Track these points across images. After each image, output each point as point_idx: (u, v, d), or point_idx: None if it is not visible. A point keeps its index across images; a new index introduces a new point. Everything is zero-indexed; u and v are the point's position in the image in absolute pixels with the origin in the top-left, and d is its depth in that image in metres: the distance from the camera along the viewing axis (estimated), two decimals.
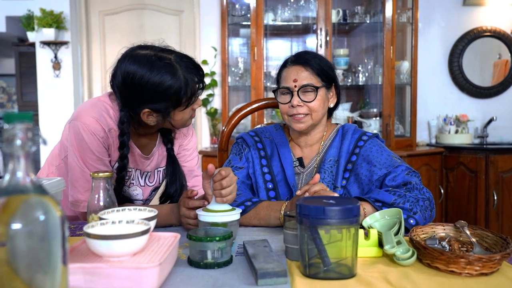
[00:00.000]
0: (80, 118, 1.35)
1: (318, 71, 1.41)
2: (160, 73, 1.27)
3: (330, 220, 0.88)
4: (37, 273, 0.59)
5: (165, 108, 1.31)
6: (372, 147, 1.42)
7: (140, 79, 1.28)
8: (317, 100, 1.39)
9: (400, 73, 3.66)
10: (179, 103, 1.31)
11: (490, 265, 0.90)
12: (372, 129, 3.59)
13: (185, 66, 1.31)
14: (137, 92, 1.29)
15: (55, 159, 1.55)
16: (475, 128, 3.93)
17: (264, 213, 1.30)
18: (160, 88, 1.28)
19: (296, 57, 1.45)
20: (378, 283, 0.87)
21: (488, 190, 3.38)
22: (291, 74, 1.41)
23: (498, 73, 3.96)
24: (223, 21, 3.59)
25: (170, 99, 1.30)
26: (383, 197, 1.25)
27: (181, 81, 1.29)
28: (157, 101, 1.30)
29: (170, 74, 1.28)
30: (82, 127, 1.34)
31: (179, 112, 1.34)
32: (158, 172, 1.56)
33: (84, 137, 1.34)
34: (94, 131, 1.34)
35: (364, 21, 3.64)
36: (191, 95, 1.32)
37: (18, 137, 0.59)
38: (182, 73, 1.29)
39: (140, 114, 1.33)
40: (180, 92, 1.29)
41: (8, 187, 0.59)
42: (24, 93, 5.24)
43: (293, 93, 1.39)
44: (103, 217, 1.01)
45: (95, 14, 4.05)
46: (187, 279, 0.90)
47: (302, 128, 1.42)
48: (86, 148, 1.35)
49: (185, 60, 1.32)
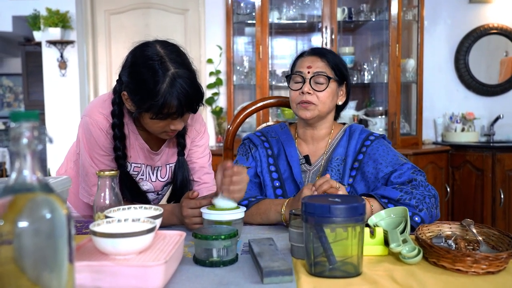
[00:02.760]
0: (90, 114, 1.38)
1: (333, 64, 1.44)
2: (150, 73, 1.24)
3: (335, 218, 0.88)
4: (43, 271, 0.59)
5: (138, 103, 1.28)
6: (378, 146, 1.42)
7: (134, 66, 1.28)
8: (326, 92, 1.41)
9: (406, 71, 3.64)
10: (148, 109, 1.26)
11: (496, 264, 0.90)
12: (378, 128, 3.58)
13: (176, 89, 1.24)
14: (127, 74, 1.30)
15: (72, 154, 1.59)
16: (482, 126, 3.90)
17: (264, 207, 1.30)
18: (139, 81, 1.26)
19: (312, 49, 1.49)
20: (384, 282, 0.87)
21: (495, 188, 3.36)
22: (306, 62, 1.44)
23: (504, 70, 3.93)
24: (228, 20, 3.59)
25: (143, 100, 1.26)
26: (389, 193, 1.25)
27: (161, 94, 1.23)
28: (136, 92, 1.27)
29: (158, 82, 1.23)
30: (91, 122, 1.37)
31: (148, 116, 1.28)
32: (170, 167, 1.55)
33: (92, 133, 1.37)
34: (102, 127, 1.37)
35: (370, 19, 3.62)
36: (162, 112, 1.25)
37: (25, 136, 0.59)
38: (167, 88, 1.23)
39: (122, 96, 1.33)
40: (153, 101, 1.23)
41: (15, 185, 0.60)
42: (30, 92, 5.26)
43: (305, 80, 1.41)
44: (109, 215, 1.02)
45: (101, 13, 4.07)
46: (192, 277, 0.90)
47: (308, 116, 1.42)
48: (94, 143, 1.37)
49: (181, 85, 1.24)
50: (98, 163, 1.39)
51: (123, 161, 1.40)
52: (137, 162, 1.47)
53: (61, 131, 3.87)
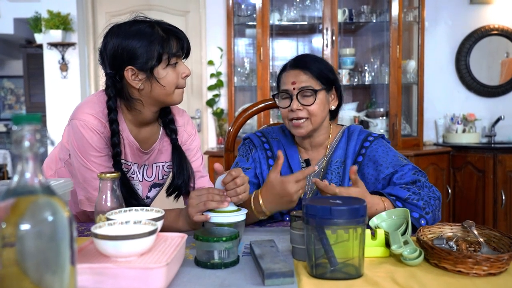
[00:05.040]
0: (78, 116, 1.34)
1: (317, 75, 1.40)
2: (138, 27, 1.32)
3: (336, 220, 0.88)
4: (45, 273, 0.59)
5: (146, 62, 1.30)
6: (378, 147, 1.42)
7: (121, 36, 1.33)
8: (316, 104, 1.39)
9: (406, 72, 3.64)
10: (159, 58, 1.30)
11: (498, 265, 0.90)
12: (379, 129, 3.58)
13: (163, 27, 1.34)
14: (118, 52, 1.32)
15: (53, 162, 1.53)
16: (483, 127, 3.90)
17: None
18: (138, 42, 1.30)
19: (295, 60, 1.45)
20: (385, 283, 0.87)
21: (496, 190, 3.35)
22: (290, 77, 1.42)
23: (505, 71, 3.93)
24: (229, 22, 3.59)
25: (149, 53, 1.30)
26: (397, 192, 1.26)
27: (160, 36, 1.31)
28: (138, 57, 1.30)
29: (148, 28, 1.32)
30: (81, 124, 1.32)
31: (163, 70, 1.32)
32: (157, 167, 1.52)
33: (84, 135, 1.32)
34: (93, 127, 1.33)
35: (370, 20, 3.63)
36: (171, 51, 1.32)
37: (27, 139, 0.60)
38: (160, 30, 1.32)
39: (124, 76, 1.32)
40: (158, 44, 1.30)
41: (17, 188, 0.60)
42: (32, 94, 5.27)
43: (292, 97, 1.39)
44: (111, 217, 1.02)
45: (102, 15, 4.07)
46: (194, 279, 0.90)
47: (302, 134, 1.42)
48: (88, 145, 1.33)
49: (165, 23, 1.36)
50: (96, 166, 1.33)
51: (120, 158, 1.36)
52: (127, 160, 1.43)
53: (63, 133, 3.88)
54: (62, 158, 1.48)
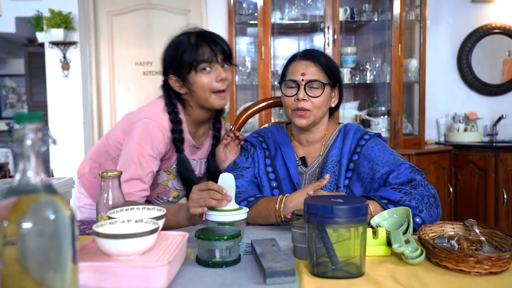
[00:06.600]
0: (154, 117, 1.46)
1: (326, 69, 1.42)
2: (177, 39, 1.48)
3: (338, 219, 0.88)
4: (47, 272, 0.60)
5: (180, 70, 1.45)
6: (374, 146, 1.41)
7: (167, 48, 1.51)
8: (321, 97, 1.41)
9: (408, 71, 3.64)
10: (190, 65, 1.43)
11: (499, 264, 0.90)
12: (380, 128, 3.58)
13: (198, 35, 1.46)
14: (163, 62, 1.52)
15: (99, 156, 1.65)
16: (484, 126, 3.89)
17: (264, 212, 1.30)
18: (175, 52, 1.46)
19: (305, 52, 1.47)
20: (386, 282, 0.87)
21: (498, 189, 3.35)
22: (299, 68, 1.42)
23: (507, 70, 3.92)
24: (230, 20, 3.59)
25: (182, 62, 1.44)
26: (389, 194, 1.24)
27: (190, 45, 1.43)
28: (174, 65, 1.46)
29: (185, 38, 1.46)
30: (154, 125, 1.45)
31: (195, 75, 1.45)
32: (201, 162, 1.65)
33: (151, 134, 1.44)
34: (163, 130, 1.46)
35: (372, 19, 3.62)
36: (201, 58, 1.43)
37: (28, 137, 0.60)
38: (193, 39, 1.45)
39: (169, 82, 1.49)
40: (189, 52, 1.43)
41: (19, 186, 0.60)
42: (33, 93, 5.27)
43: (300, 87, 1.40)
44: (112, 216, 1.02)
45: (103, 14, 4.08)
46: (195, 278, 0.91)
47: (304, 124, 1.42)
48: (149, 143, 1.44)
49: (203, 32, 1.48)
50: (143, 161, 1.42)
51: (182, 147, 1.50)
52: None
53: (64, 132, 3.88)
54: (111, 154, 1.60)
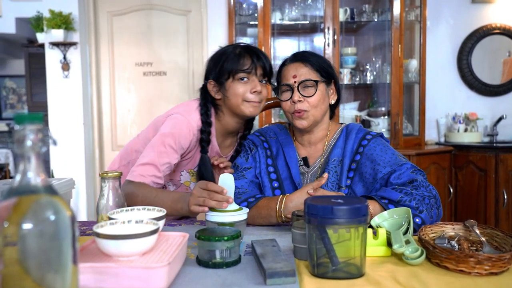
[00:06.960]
0: (187, 115, 1.53)
1: (317, 67, 1.43)
2: (225, 49, 1.57)
3: (338, 219, 0.88)
4: (47, 272, 0.60)
5: (220, 76, 1.53)
6: (376, 146, 1.41)
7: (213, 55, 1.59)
8: (317, 95, 1.41)
9: (408, 72, 3.64)
10: (230, 73, 1.51)
11: (500, 265, 0.90)
12: (380, 128, 3.58)
13: (243, 47, 1.54)
14: (207, 67, 1.60)
15: (130, 154, 1.70)
16: (485, 127, 3.89)
17: (265, 212, 1.30)
18: (219, 59, 1.54)
19: (294, 55, 1.49)
20: (386, 283, 0.87)
21: (498, 189, 3.35)
22: (290, 71, 1.44)
23: (507, 70, 3.92)
24: (231, 21, 3.59)
25: (223, 68, 1.52)
26: (389, 194, 1.24)
27: (234, 55, 1.51)
28: (215, 71, 1.54)
29: (231, 48, 1.54)
30: (184, 121, 1.51)
31: (232, 83, 1.51)
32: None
33: (180, 129, 1.50)
34: (192, 128, 1.52)
35: (372, 19, 3.62)
36: (240, 68, 1.50)
37: (29, 138, 0.60)
38: (238, 50, 1.53)
39: (207, 87, 1.56)
40: (231, 61, 1.51)
41: (19, 187, 0.60)
42: (33, 94, 5.27)
43: (293, 89, 1.41)
44: (112, 217, 1.02)
45: (104, 15, 4.08)
46: (195, 278, 0.91)
47: (305, 125, 1.42)
48: (176, 136, 1.49)
49: (248, 46, 1.56)
50: (163, 152, 1.46)
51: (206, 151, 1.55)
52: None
53: (64, 132, 3.88)
54: (140, 151, 1.63)
